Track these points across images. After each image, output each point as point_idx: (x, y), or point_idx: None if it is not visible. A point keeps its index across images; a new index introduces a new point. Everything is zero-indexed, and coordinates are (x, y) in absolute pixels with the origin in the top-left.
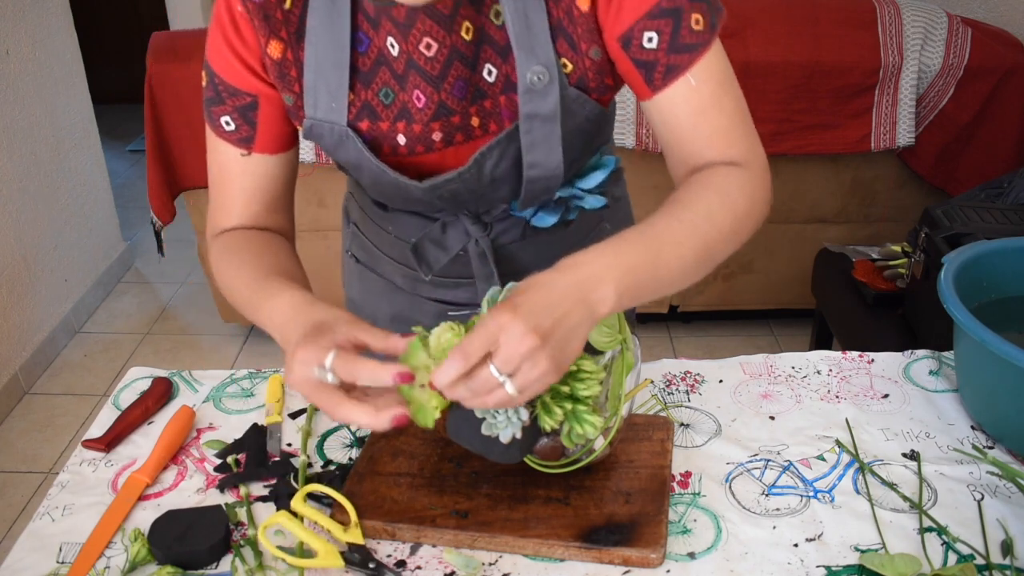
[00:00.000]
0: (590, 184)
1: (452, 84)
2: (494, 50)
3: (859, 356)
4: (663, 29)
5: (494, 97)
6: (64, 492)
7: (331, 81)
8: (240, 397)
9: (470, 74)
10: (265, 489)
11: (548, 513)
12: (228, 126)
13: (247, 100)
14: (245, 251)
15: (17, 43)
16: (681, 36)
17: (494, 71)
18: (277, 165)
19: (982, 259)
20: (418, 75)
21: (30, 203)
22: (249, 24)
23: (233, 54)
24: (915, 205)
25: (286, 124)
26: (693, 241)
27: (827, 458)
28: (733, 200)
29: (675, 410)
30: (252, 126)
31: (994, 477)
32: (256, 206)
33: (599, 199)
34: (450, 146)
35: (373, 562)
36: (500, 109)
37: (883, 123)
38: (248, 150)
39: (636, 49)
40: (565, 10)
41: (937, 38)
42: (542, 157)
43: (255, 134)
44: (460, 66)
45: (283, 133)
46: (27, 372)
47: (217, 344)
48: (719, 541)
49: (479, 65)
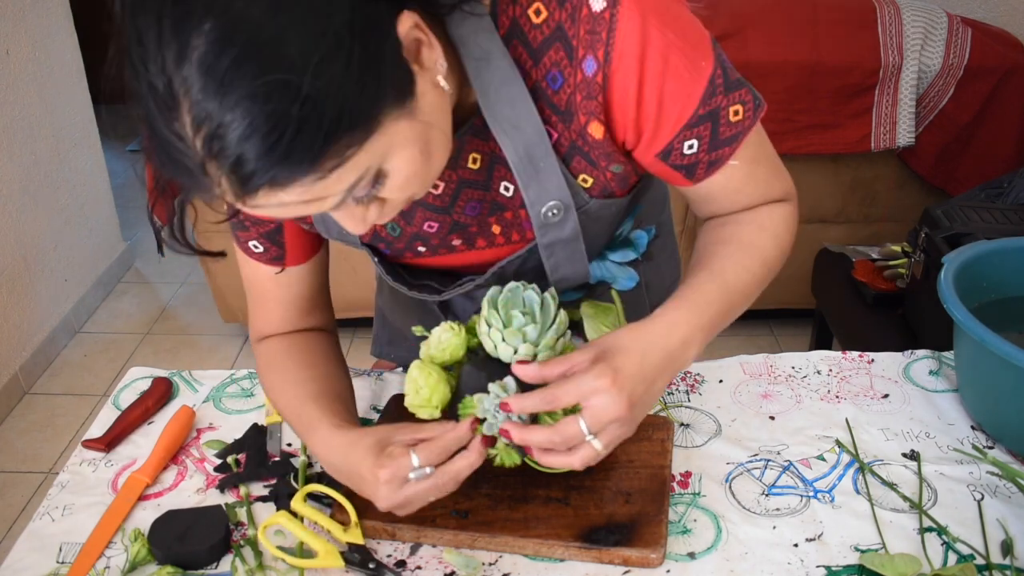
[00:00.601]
0: (621, 259)
1: (463, 207)
2: (508, 169)
3: (859, 356)
4: (703, 134)
5: (514, 210)
6: (64, 492)
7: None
8: (240, 397)
9: (483, 194)
10: (265, 489)
11: (548, 513)
12: (257, 249)
13: (271, 226)
14: (285, 366)
15: (17, 43)
16: (720, 133)
17: (511, 187)
18: (311, 271)
19: (982, 259)
20: (426, 209)
21: (30, 203)
22: None
23: None
24: (915, 205)
25: (313, 236)
26: (755, 287)
27: (827, 458)
28: (782, 240)
29: (675, 410)
30: (280, 247)
31: (994, 477)
32: (294, 312)
33: (631, 278)
34: (472, 249)
35: (373, 562)
36: (521, 221)
37: (883, 123)
38: (281, 267)
39: (676, 157)
40: (578, 133)
41: (937, 38)
42: (567, 272)
43: (284, 252)
44: (471, 191)
45: (312, 243)
46: (27, 372)
47: (217, 344)
48: (719, 541)
49: (493, 184)
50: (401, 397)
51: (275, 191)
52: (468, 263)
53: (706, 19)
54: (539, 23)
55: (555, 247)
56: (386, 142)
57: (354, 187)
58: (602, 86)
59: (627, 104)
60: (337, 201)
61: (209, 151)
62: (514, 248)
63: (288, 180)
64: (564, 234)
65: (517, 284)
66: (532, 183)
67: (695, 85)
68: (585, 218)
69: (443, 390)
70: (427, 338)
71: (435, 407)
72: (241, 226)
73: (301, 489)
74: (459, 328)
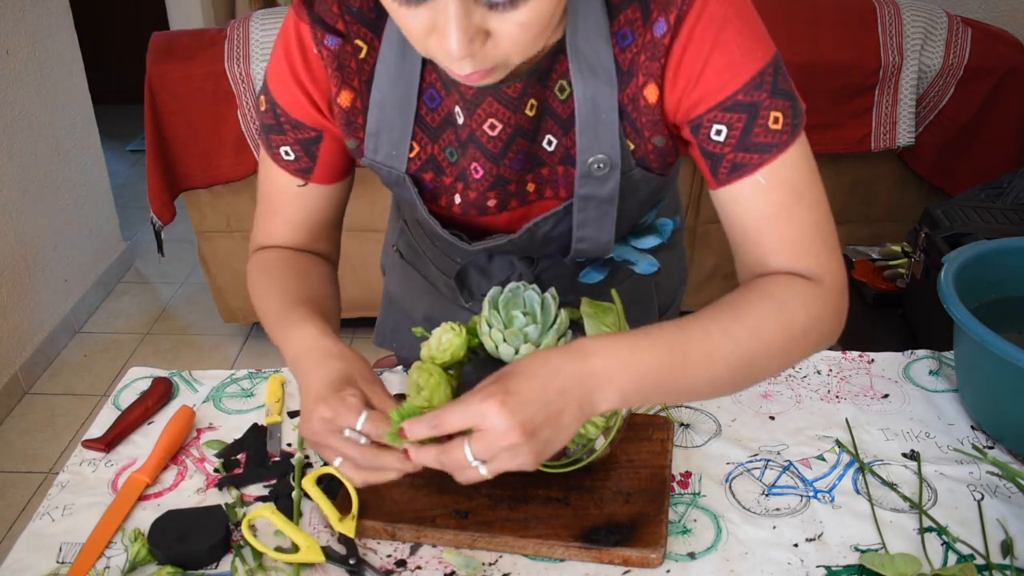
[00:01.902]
0: (645, 245)
1: (512, 159)
2: (556, 122)
3: (859, 356)
4: (735, 124)
5: (552, 166)
6: (64, 492)
7: (394, 130)
8: (240, 397)
9: (529, 146)
10: (265, 489)
11: (548, 513)
12: (288, 155)
13: (311, 135)
14: (280, 272)
15: (17, 43)
16: (754, 133)
17: (554, 141)
18: (332, 194)
19: (982, 259)
20: (478, 150)
21: (30, 203)
22: (323, 67)
23: (301, 91)
24: (915, 205)
25: (346, 158)
26: (730, 355)
27: (827, 458)
28: (790, 315)
29: (675, 410)
30: (313, 159)
31: (994, 477)
32: (303, 233)
33: (652, 263)
34: (504, 211)
35: (354, 558)
36: (557, 177)
37: (883, 123)
38: (305, 181)
39: (704, 138)
40: (631, 98)
41: (937, 38)
42: (593, 233)
43: (315, 166)
44: (522, 141)
45: (342, 165)
46: (27, 372)
47: (217, 344)
48: (719, 541)
49: (539, 136)
50: (402, 397)
51: None
52: (496, 226)
53: None
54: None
55: (590, 203)
56: None
57: None
58: (667, 48)
59: (675, 61)
60: None
61: None
62: (546, 205)
63: None
64: (603, 192)
65: (518, 284)
66: (588, 131)
67: (743, 67)
68: (625, 184)
69: (444, 391)
70: (427, 339)
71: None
72: (279, 128)
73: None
74: (460, 328)
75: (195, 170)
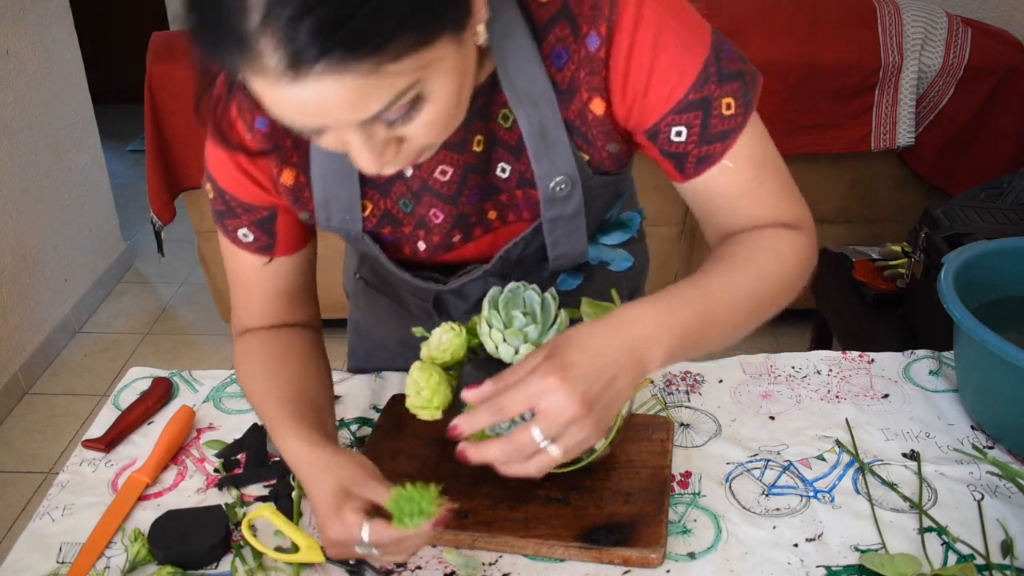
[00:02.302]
0: (614, 240)
1: (468, 195)
2: (505, 150)
3: (859, 356)
4: (692, 122)
5: (509, 191)
6: (64, 492)
7: (341, 197)
8: (240, 397)
9: (483, 178)
10: (265, 489)
11: (548, 513)
12: (246, 237)
13: (265, 214)
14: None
15: (17, 43)
16: (712, 125)
17: (508, 168)
18: (299, 261)
19: (982, 259)
20: (434, 196)
21: (30, 203)
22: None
23: (245, 175)
24: (915, 205)
25: (305, 226)
26: (745, 303)
27: (827, 458)
28: (784, 260)
29: (675, 410)
30: (272, 235)
31: (994, 477)
32: (280, 306)
33: (626, 259)
34: (470, 241)
35: (354, 558)
36: (517, 202)
37: (883, 123)
38: (270, 257)
39: (664, 142)
40: (577, 113)
41: (937, 38)
42: (567, 248)
43: (275, 242)
44: (475, 176)
45: (303, 233)
46: (27, 372)
47: (217, 344)
48: (719, 541)
49: (491, 166)
50: (401, 397)
51: (328, 74)
52: (465, 257)
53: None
54: (545, 2)
55: (558, 223)
56: (436, 60)
57: (395, 101)
58: (604, 61)
59: (618, 75)
60: (376, 111)
61: (267, 15)
62: (511, 229)
63: (345, 62)
64: (569, 210)
65: (518, 284)
66: (543, 158)
67: (688, 66)
68: (587, 194)
69: (444, 391)
70: (427, 339)
71: (436, 408)
72: (232, 214)
73: None
74: (460, 329)
75: (195, 170)
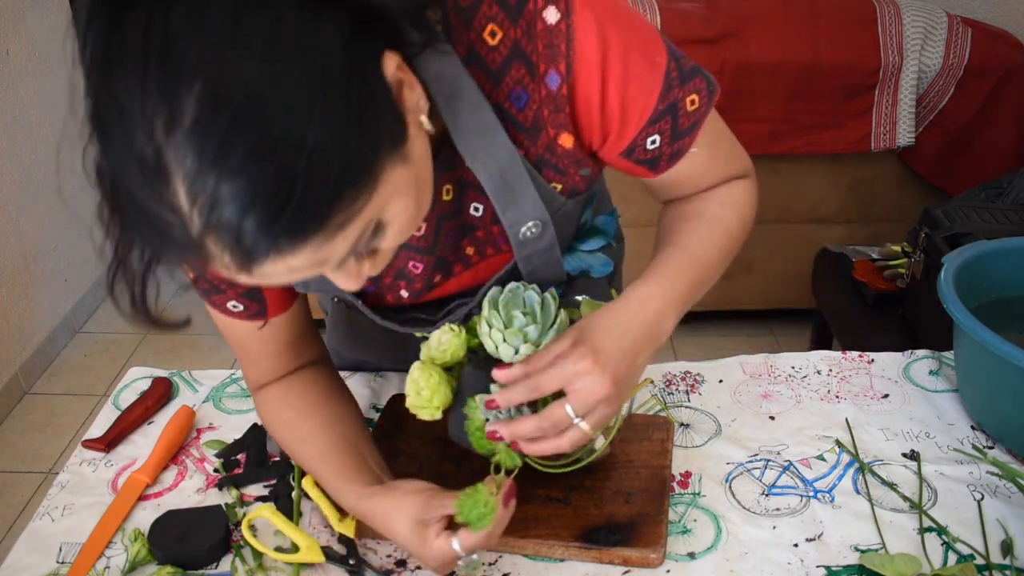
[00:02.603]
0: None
1: (444, 239)
2: (476, 191)
3: (859, 356)
4: (664, 128)
5: (485, 228)
6: (64, 492)
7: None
8: (240, 397)
9: (457, 220)
10: (265, 489)
11: (548, 513)
12: (236, 308)
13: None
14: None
15: (17, 43)
16: (680, 124)
17: (480, 207)
18: (293, 316)
19: (982, 259)
20: (411, 250)
21: (30, 203)
22: None
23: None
24: (915, 205)
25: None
26: (721, 258)
27: (827, 458)
28: (744, 214)
29: (675, 410)
30: (261, 302)
31: (994, 477)
32: (288, 357)
33: (605, 263)
34: (451, 278)
35: (354, 558)
36: (494, 237)
37: (883, 123)
38: (264, 321)
39: (640, 152)
40: (546, 147)
41: (937, 38)
42: (543, 276)
43: (265, 307)
44: (447, 223)
45: (290, 290)
46: (27, 372)
47: (217, 344)
48: (719, 541)
49: (464, 208)
50: (401, 397)
51: (283, 257)
52: (447, 293)
53: (706, 19)
54: (495, 44)
55: (533, 257)
56: (388, 191)
57: (358, 243)
58: (568, 97)
59: (592, 110)
60: (342, 258)
61: (208, 224)
62: (491, 263)
63: (296, 245)
64: (542, 245)
65: (517, 284)
66: (510, 207)
67: (654, 82)
68: (560, 218)
69: (444, 391)
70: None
71: (436, 408)
72: (216, 290)
73: None
74: (459, 329)
75: None
